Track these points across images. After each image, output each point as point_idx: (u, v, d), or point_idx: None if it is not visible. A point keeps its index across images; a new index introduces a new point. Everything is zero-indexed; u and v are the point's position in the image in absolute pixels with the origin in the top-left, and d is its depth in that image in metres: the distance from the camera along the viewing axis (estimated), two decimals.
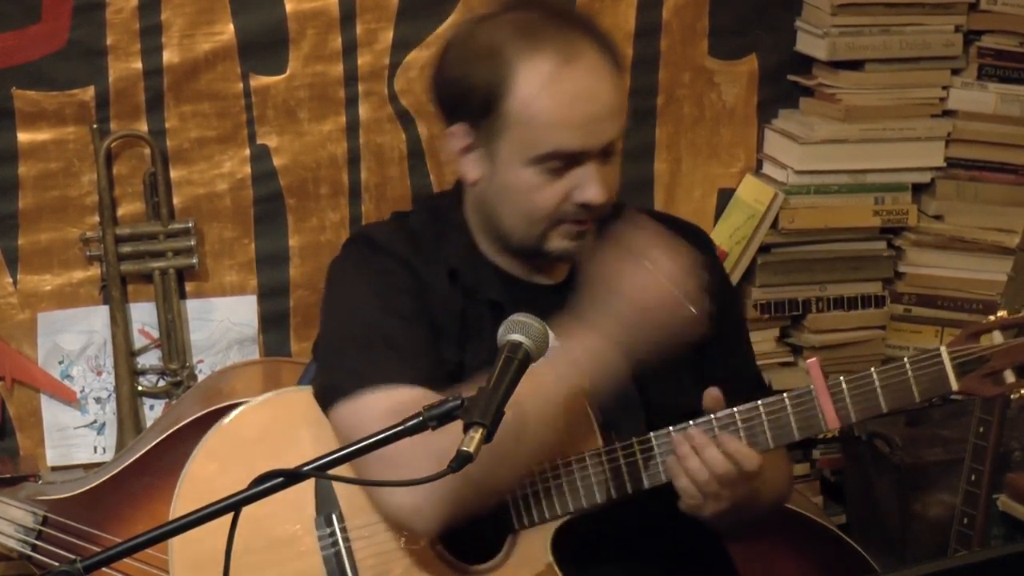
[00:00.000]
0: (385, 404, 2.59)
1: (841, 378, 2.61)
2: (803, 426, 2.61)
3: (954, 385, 2.58)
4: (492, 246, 2.77)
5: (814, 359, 2.64)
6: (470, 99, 2.65)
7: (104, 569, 2.16)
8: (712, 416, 2.60)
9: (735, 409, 2.60)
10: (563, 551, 2.68)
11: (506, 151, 2.65)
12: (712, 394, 2.62)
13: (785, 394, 2.61)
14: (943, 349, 2.58)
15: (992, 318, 2.59)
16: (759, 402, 2.61)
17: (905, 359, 2.59)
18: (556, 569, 2.66)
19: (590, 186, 2.64)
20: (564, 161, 2.63)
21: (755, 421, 2.60)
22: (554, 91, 2.61)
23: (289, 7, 3.62)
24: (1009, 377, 2.57)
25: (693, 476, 2.58)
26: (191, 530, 2.35)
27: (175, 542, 2.39)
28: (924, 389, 2.59)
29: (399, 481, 2.43)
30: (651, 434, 2.63)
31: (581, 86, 2.62)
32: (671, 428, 2.62)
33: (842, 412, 2.59)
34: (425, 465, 2.26)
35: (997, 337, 2.58)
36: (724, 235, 3.82)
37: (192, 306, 3.67)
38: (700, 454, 2.57)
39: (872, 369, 2.60)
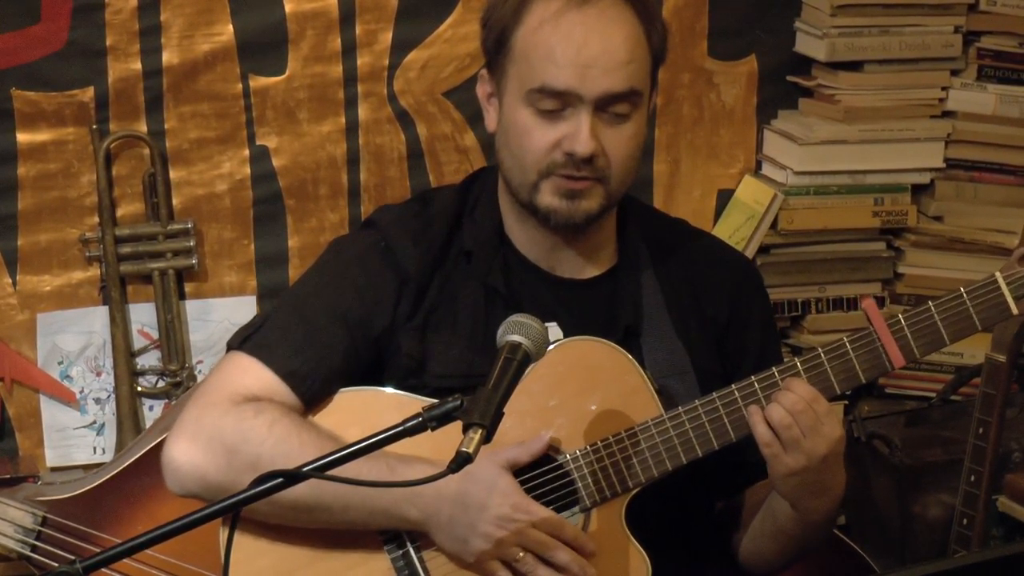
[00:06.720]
0: (241, 383, 2.65)
1: (899, 315, 2.60)
2: (868, 367, 2.60)
3: (1014, 309, 2.57)
4: (517, 223, 2.74)
5: (870, 300, 2.62)
6: (489, 37, 2.66)
7: (104, 569, 2.16)
8: (774, 369, 2.59)
9: (796, 360, 2.59)
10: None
11: (509, 88, 2.65)
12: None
13: (844, 337, 2.59)
14: (998, 274, 2.58)
15: None
16: (819, 348, 2.60)
17: (961, 289, 2.59)
18: (634, 542, 2.62)
19: (578, 135, 2.59)
20: (555, 101, 2.60)
21: (819, 368, 2.59)
22: (554, 27, 2.59)
23: (288, 8, 3.62)
24: None
25: (773, 420, 2.55)
26: (249, 550, 2.33)
27: (233, 561, 2.34)
28: (985, 317, 2.59)
29: (395, 482, 2.42)
30: (713, 394, 2.61)
31: (583, 28, 2.58)
32: (733, 386, 2.60)
33: (906, 349, 2.58)
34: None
35: None
36: (723, 236, 3.80)
37: (191, 307, 3.67)
38: (777, 399, 2.55)
39: (929, 303, 2.59)
